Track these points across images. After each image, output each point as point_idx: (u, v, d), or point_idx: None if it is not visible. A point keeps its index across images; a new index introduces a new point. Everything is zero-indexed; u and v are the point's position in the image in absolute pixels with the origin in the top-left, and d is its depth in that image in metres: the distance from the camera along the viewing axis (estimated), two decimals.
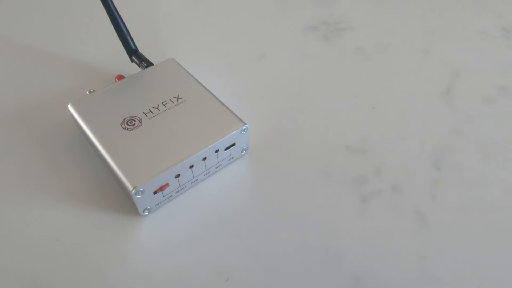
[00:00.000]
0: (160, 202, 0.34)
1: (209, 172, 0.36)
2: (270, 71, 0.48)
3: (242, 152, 0.38)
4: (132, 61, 0.44)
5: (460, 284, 0.31)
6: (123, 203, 0.35)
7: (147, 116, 0.36)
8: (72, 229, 0.33)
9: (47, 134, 0.40)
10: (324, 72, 0.48)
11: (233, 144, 0.36)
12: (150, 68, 0.41)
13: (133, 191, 0.31)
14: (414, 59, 0.50)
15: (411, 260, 0.32)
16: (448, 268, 0.31)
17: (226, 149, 0.36)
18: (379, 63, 0.49)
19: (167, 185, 0.33)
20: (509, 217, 0.35)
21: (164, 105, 0.37)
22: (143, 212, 0.34)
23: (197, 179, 0.36)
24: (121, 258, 0.32)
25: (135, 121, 0.35)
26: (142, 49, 0.44)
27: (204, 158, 0.34)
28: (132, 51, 0.43)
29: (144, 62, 0.42)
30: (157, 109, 0.36)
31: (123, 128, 0.35)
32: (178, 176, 0.33)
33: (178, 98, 0.37)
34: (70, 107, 0.37)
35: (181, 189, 0.35)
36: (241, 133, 0.36)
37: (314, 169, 0.38)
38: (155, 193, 0.33)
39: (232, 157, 0.38)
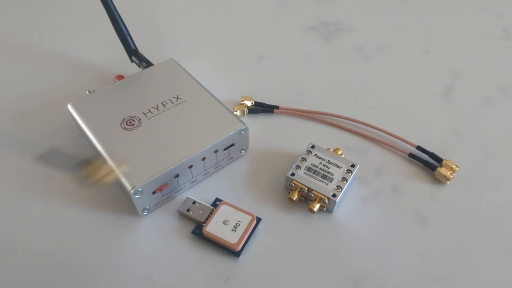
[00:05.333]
0: (159, 202, 0.34)
1: (208, 172, 0.36)
2: (270, 71, 0.48)
3: (241, 152, 0.38)
4: (132, 61, 0.44)
5: (460, 284, 0.31)
6: (122, 203, 0.35)
7: (146, 116, 0.36)
8: (72, 230, 0.33)
9: (46, 134, 0.40)
10: (324, 73, 0.48)
11: (232, 145, 0.36)
12: (149, 68, 0.41)
13: (132, 191, 0.31)
14: (414, 59, 0.50)
15: (411, 260, 0.32)
16: (448, 268, 0.31)
17: (225, 149, 0.36)
18: (379, 64, 0.49)
19: (166, 185, 0.33)
20: (509, 217, 0.35)
21: (163, 105, 0.37)
22: (142, 212, 0.33)
23: (196, 179, 0.36)
24: (120, 258, 0.32)
25: (134, 121, 0.35)
26: (142, 49, 0.44)
27: (203, 158, 0.34)
28: (132, 51, 0.44)
29: (144, 62, 0.42)
30: (156, 109, 0.36)
31: (122, 128, 0.35)
32: (177, 176, 0.33)
33: (177, 98, 0.37)
34: (69, 107, 0.37)
35: (180, 189, 0.35)
36: (240, 133, 0.36)
37: None
38: (154, 193, 0.33)
39: (232, 157, 0.38)
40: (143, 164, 0.32)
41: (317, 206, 0.33)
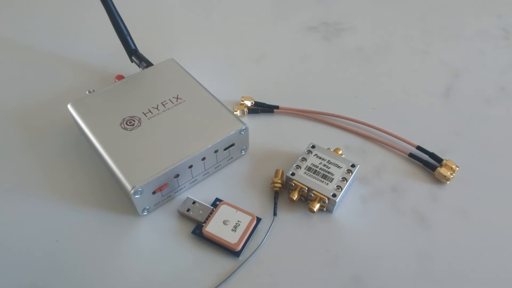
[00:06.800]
0: (159, 202, 0.34)
1: (208, 172, 0.36)
2: (270, 71, 0.48)
3: (241, 152, 0.38)
4: (132, 61, 0.44)
5: (460, 284, 0.31)
6: (122, 203, 0.35)
7: (146, 116, 0.36)
8: (72, 230, 0.33)
9: (46, 134, 0.41)
10: (324, 73, 0.48)
11: (232, 145, 0.36)
12: (149, 68, 0.41)
13: (132, 191, 0.31)
14: (414, 59, 0.50)
15: (411, 260, 0.32)
16: (448, 268, 0.31)
17: (225, 149, 0.36)
18: (379, 64, 0.49)
19: (166, 185, 0.33)
20: (509, 217, 0.35)
21: (163, 105, 0.37)
22: (142, 212, 0.33)
23: (196, 179, 0.36)
24: (120, 259, 0.32)
25: (134, 121, 0.35)
26: (142, 49, 0.44)
27: (203, 158, 0.34)
28: (132, 51, 0.44)
29: (144, 62, 0.42)
30: (156, 109, 0.36)
31: (122, 128, 0.35)
32: (177, 176, 0.33)
33: (177, 98, 0.37)
34: (69, 107, 0.37)
35: (180, 189, 0.35)
36: (240, 133, 0.36)
37: None
38: (154, 193, 0.33)
39: (232, 157, 0.38)
40: (143, 164, 0.32)
41: (317, 206, 0.33)
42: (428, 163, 0.38)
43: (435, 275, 0.31)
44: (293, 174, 0.34)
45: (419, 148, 0.39)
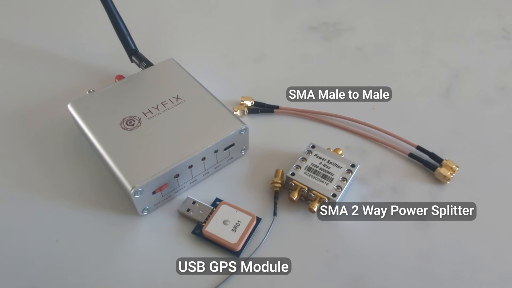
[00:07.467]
0: (159, 202, 0.34)
1: (208, 172, 0.36)
2: (270, 71, 0.48)
3: (241, 152, 0.38)
4: (132, 61, 0.44)
5: (460, 284, 0.31)
6: (123, 203, 0.35)
7: (146, 116, 0.36)
8: (72, 230, 0.33)
9: (46, 134, 0.41)
10: (324, 73, 0.48)
11: (232, 145, 0.36)
12: (149, 68, 0.41)
13: (132, 191, 0.31)
14: (414, 59, 0.50)
15: (411, 260, 0.32)
16: (448, 268, 0.31)
17: (225, 149, 0.36)
18: (379, 64, 0.49)
19: (166, 185, 0.33)
20: (509, 217, 0.35)
21: (163, 105, 0.37)
22: (142, 212, 0.33)
23: (196, 179, 0.36)
24: (120, 258, 0.32)
25: (134, 121, 0.35)
26: (142, 49, 0.44)
27: (203, 158, 0.34)
28: (132, 51, 0.44)
29: (143, 62, 0.42)
30: (156, 109, 0.36)
31: (122, 128, 0.35)
32: (177, 176, 0.33)
33: (177, 98, 0.37)
34: (69, 107, 0.37)
35: (180, 189, 0.35)
36: (240, 133, 0.36)
37: None
38: (154, 193, 0.33)
39: (231, 157, 0.38)
40: (143, 164, 0.32)
41: (317, 206, 0.33)
42: (428, 163, 0.38)
43: (435, 275, 0.31)
44: (293, 174, 0.34)
45: (419, 148, 0.39)
